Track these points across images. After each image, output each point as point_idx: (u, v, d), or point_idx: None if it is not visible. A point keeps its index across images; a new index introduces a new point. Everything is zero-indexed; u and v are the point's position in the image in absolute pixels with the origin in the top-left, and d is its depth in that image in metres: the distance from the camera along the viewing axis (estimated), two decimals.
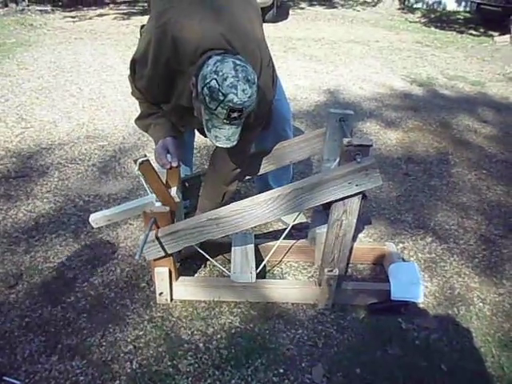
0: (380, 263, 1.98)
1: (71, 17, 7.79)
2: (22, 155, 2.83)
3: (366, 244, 2.11)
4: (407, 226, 2.30)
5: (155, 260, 1.60)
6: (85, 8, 8.78)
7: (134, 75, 1.56)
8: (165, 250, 1.55)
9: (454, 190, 2.66)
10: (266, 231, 2.19)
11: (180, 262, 1.88)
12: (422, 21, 9.22)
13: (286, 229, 1.73)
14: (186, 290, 1.73)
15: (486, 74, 5.33)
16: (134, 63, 1.52)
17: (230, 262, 1.84)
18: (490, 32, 7.88)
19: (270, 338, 1.60)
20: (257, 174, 1.86)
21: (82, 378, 1.43)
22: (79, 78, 4.41)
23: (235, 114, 1.23)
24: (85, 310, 1.69)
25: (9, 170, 2.65)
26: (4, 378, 1.41)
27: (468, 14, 10.08)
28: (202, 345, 1.57)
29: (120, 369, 1.47)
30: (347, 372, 1.49)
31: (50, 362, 1.48)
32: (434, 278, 1.94)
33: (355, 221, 1.55)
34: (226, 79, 1.19)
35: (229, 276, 1.73)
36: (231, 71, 1.20)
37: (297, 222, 1.85)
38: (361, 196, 1.49)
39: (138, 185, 2.51)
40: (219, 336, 1.60)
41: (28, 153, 2.86)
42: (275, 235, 2.08)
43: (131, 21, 7.63)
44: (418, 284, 1.73)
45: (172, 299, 1.74)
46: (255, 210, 1.47)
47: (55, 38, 6.05)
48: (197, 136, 2.03)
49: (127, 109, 3.63)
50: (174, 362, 1.50)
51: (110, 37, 6.28)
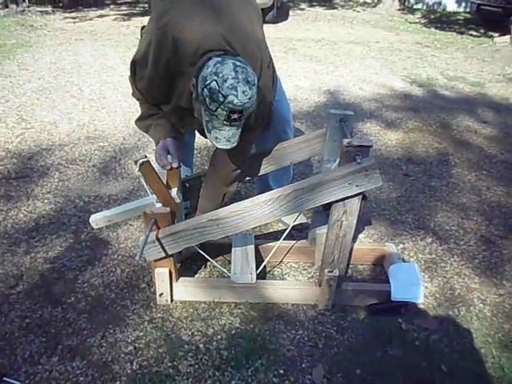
0: (380, 264, 1.98)
1: (72, 18, 7.79)
2: (23, 156, 2.83)
3: (366, 245, 2.11)
4: (407, 226, 2.30)
5: (156, 261, 1.61)
6: (85, 9, 8.80)
7: (134, 76, 1.56)
8: (165, 251, 1.55)
9: (454, 191, 2.66)
10: (266, 232, 2.19)
11: (180, 263, 1.88)
12: (422, 21, 9.22)
13: (286, 229, 1.74)
14: (187, 290, 1.73)
15: (486, 74, 5.33)
16: (135, 64, 1.52)
17: (230, 262, 1.84)
18: (490, 33, 7.89)
19: (271, 339, 1.60)
20: (257, 174, 1.86)
21: (82, 378, 1.43)
22: (79, 78, 4.41)
23: (235, 116, 1.23)
24: (85, 311, 1.69)
25: (9, 171, 2.65)
26: (4, 378, 1.41)
27: (468, 15, 10.10)
28: (202, 346, 1.57)
29: (120, 369, 1.47)
30: (347, 372, 1.49)
31: (50, 363, 1.48)
32: (434, 278, 1.94)
33: (355, 221, 1.55)
34: (226, 81, 1.19)
35: (229, 277, 1.73)
36: (231, 72, 1.20)
37: (297, 222, 1.85)
38: (361, 197, 1.49)
39: (139, 186, 2.51)
40: (219, 337, 1.60)
41: (28, 153, 2.86)
42: (275, 236, 2.08)
43: (131, 22, 7.64)
44: (418, 285, 1.73)
45: (172, 300, 1.74)
46: (255, 211, 1.47)
47: (56, 39, 6.06)
48: (197, 137, 2.03)
49: (127, 110, 3.63)
50: (175, 363, 1.50)
51: (110, 38, 6.29)
